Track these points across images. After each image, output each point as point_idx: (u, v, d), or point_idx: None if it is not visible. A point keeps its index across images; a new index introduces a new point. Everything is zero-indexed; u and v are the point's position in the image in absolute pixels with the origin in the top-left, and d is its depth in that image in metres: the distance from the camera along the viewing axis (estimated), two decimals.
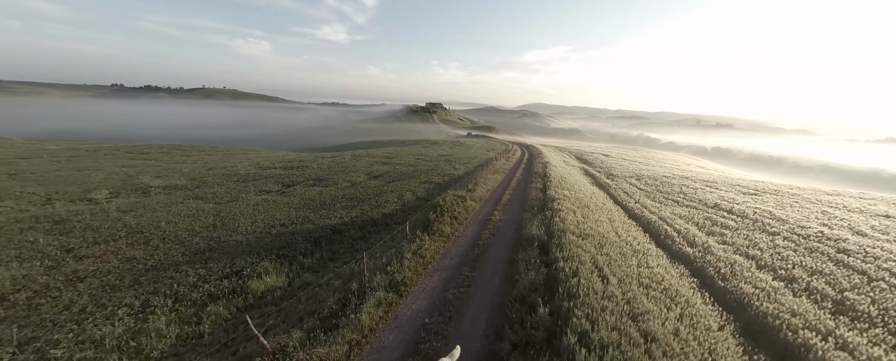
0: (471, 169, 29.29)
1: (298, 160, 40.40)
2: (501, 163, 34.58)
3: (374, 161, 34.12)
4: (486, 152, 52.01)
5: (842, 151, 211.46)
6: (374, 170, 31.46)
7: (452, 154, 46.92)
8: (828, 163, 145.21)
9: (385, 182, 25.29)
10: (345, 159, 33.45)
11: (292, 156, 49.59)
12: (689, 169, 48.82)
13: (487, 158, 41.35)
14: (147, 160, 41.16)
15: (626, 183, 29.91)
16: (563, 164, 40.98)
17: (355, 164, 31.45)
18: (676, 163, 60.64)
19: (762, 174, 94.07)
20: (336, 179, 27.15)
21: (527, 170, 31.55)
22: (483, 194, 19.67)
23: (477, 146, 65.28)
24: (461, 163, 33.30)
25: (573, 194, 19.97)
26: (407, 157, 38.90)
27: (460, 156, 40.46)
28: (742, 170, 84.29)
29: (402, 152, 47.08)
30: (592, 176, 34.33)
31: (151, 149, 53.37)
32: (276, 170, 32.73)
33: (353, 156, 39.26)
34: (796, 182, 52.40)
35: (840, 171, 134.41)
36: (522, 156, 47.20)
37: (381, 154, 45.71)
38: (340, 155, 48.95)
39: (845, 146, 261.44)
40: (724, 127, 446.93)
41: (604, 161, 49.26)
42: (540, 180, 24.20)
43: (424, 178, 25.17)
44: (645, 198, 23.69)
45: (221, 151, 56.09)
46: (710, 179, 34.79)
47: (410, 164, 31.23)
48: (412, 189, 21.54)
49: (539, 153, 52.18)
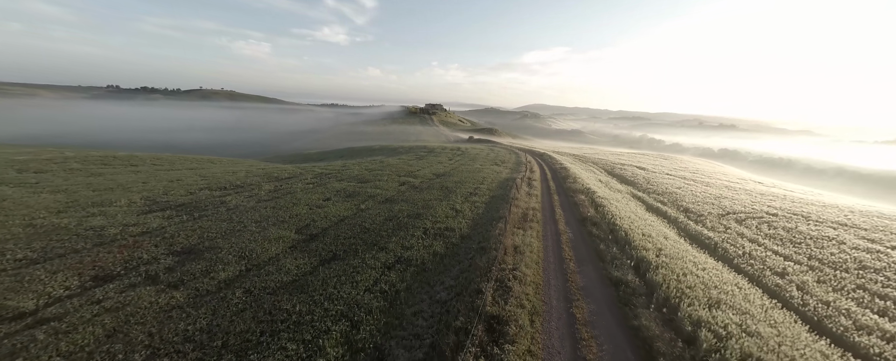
0: (481, 213, 18.18)
1: (241, 183, 29.86)
2: (523, 195, 23.91)
3: (337, 190, 23.43)
4: (495, 167, 41.44)
5: (852, 153, 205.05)
6: (319, 218, 20.74)
7: (452, 172, 36.28)
8: (842, 166, 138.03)
9: (319, 261, 13.39)
10: (295, 191, 22.75)
11: (241, 173, 38.97)
12: (762, 189, 38.31)
13: (500, 180, 30.78)
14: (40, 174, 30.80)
15: (731, 231, 19.22)
16: (604, 188, 30.46)
17: (306, 199, 20.49)
18: (726, 176, 50.21)
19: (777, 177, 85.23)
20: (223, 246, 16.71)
21: (569, 210, 20.82)
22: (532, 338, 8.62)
23: (482, 157, 54.76)
24: (464, 195, 22.64)
25: (704, 293, 9.44)
26: (388, 181, 28.15)
27: (463, 179, 29.90)
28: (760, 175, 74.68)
29: (386, 169, 36.46)
30: (662, 213, 23.53)
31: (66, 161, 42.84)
32: (168, 217, 22.22)
33: (313, 181, 28.53)
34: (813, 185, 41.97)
35: (856, 174, 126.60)
36: (545, 176, 36.67)
37: (355, 173, 34.98)
38: (301, 172, 38.39)
39: (854, 147, 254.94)
40: (727, 127, 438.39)
41: (648, 179, 38.81)
42: (613, 248, 13.68)
43: (400, 246, 13.42)
44: (817, 287, 12.78)
45: (159, 164, 45.50)
46: (821, 215, 24.30)
47: (387, 199, 20.40)
48: (359, 307, 9.48)
49: (563, 168, 41.68)
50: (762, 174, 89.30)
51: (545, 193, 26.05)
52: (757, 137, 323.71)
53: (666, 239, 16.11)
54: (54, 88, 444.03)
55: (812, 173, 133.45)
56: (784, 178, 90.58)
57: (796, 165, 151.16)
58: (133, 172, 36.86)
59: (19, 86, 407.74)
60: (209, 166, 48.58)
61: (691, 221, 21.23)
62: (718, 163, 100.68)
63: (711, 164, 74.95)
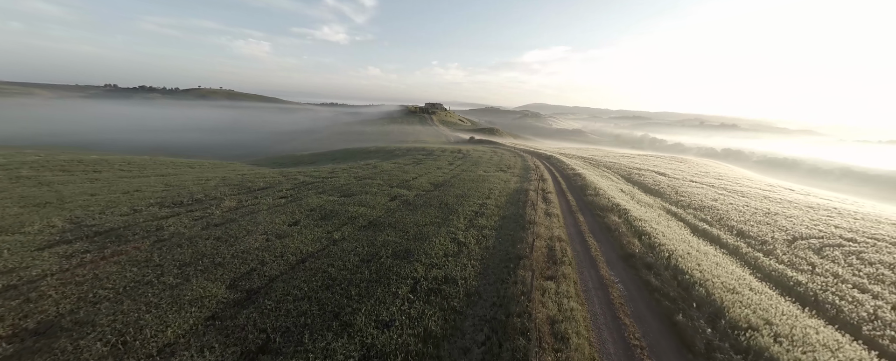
0: (492, 245, 13.33)
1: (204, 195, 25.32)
2: (541, 215, 19.17)
3: (311, 209, 18.76)
4: (501, 174, 36.78)
5: (856, 153, 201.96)
6: (273, 257, 16.24)
7: (453, 180, 31.64)
8: (848, 166, 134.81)
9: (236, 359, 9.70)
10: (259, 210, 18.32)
11: (212, 182, 34.57)
12: (803, 199, 33.54)
13: (509, 192, 26.11)
14: None
15: (820, 270, 14.36)
16: (633, 203, 25.80)
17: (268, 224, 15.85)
18: (752, 181, 45.56)
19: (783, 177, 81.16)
20: None
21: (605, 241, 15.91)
22: None
23: (485, 161, 50.10)
24: (469, 215, 17.87)
25: None
26: (377, 195, 23.41)
27: (466, 191, 25.25)
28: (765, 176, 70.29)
29: (378, 177, 31.80)
30: (714, 238, 18.50)
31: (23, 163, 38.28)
32: None
33: (288, 193, 23.81)
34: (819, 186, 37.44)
35: (863, 175, 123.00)
36: (558, 185, 31.98)
37: (342, 182, 30.33)
38: (281, 180, 33.79)
39: (858, 147, 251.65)
40: (728, 127, 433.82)
41: (674, 187, 34.18)
42: (698, 320, 9.03)
43: (373, 320, 8.65)
44: None
45: (126, 170, 40.89)
46: None
47: (370, 223, 15.53)
48: None
49: (576, 174, 37.02)
50: (768, 175, 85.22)
51: (566, 211, 21.36)
52: (758, 137, 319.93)
53: (752, 290, 11.48)
54: (51, 87, 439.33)
55: (818, 174, 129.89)
56: (791, 179, 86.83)
57: (801, 165, 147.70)
58: (90, 180, 32.19)
59: (16, 85, 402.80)
60: (184, 172, 44.00)
61: (758, 252, 16.59)
62: (731, 164, 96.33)
63: (729, 168, 70.41)
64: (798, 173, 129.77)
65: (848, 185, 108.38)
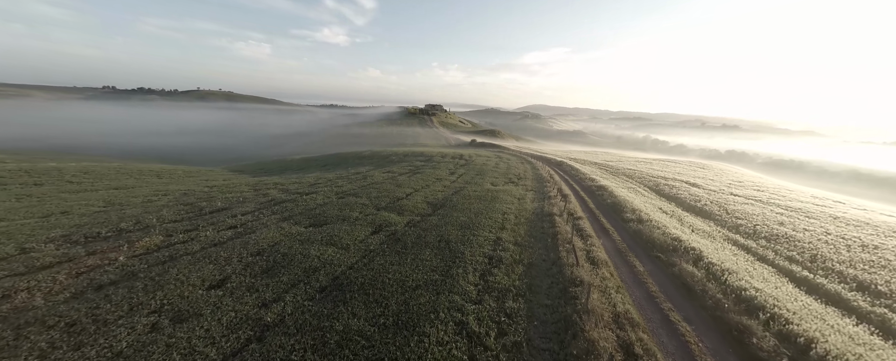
0: (526, 339, 8.11)
1: (134, 224, 19.89)
2: (584, 262, 13.24)
3: (256, 254, 13.34)
4: (513, 188, 31.00)
5: (862, 154, 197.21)
6: None
7: (455, 198, 25.86)
8: (856, 168, 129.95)
9: None
10: (178, 257, 13.08)
11: (165, 199, 29.14)
12: (878, 218, 27.75)
13: (528, 217, 20.37)
14: None
15: None
16: (694, 235, 20.05)
17: (170, 293, 10.70)
18: (792, 192, 39.75)
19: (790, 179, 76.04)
20: None
21: (714, 333, 10.38)
22: None
23: (491, 169, 44.27)
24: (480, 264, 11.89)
25: None
26: (356, 225, 17.71)
27: (474, 217, 19.35)
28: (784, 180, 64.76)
29: (365, 194, 25.96)
30: (834, 298, 12.75)
31: None
32: None
33: (242, 223, 18.02)
34: None
35: (871, 177, 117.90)
36: (584, 203, 26.13)
37: (318, 201, 24.54)
38: (249, 196, 28.14)
39: (863, 148, 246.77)
40: (730, 128, 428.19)
41: (720, 204, 28.36)
42: None
43: None
44: None
45: (76, 181, 35.25)
46: None
47: (332, 282, 9.85)
48: None
49: (600, 187, 31.23)
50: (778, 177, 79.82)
51: (614, 253, 15.48)
52: (760, 138, 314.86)
53: None
54: (49, 89, 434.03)
55: (825, 175, 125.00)
56: (798, 181, 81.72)
57: (808, 167, 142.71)
58: (18, 197, 26.43)
59: (13, 86, 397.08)
60: (145, 183, 38.22)
61: None
62: (751, 170, 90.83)
63: (757, 175, 64.64)
64: (805, 175, 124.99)
65: (856, 188, 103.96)
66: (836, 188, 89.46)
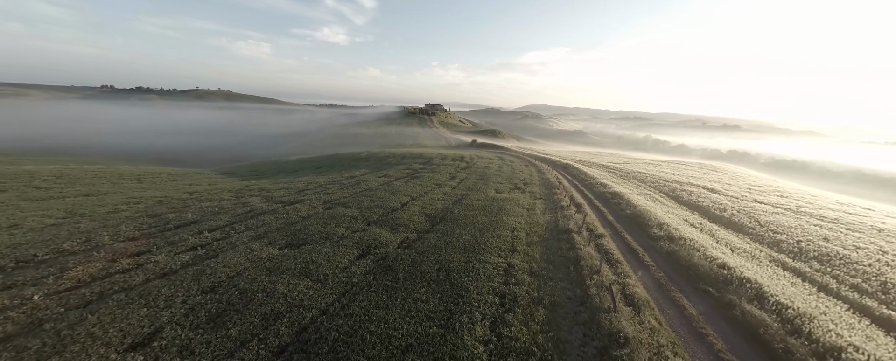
0: None
1: (83, 244, 17.16)
2: (620, 304, 10.70)
3: (207, 291, 11.02)
4: (520, 196, 28.18)
5: (864, 154, 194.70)
6: None
7: (456, 209, 23.08)
8: (860, 169, 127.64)
9: None
10: (119, 289, 10.95)
11: (134, 209, 26.42)
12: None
13: (541, 234, 17.58)
14: None
15: None
16: (743, 261, 17.29)
17: (100, 332, 8.54)
18: (815, 197, 36.91)
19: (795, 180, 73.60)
20: None
21: None
22: None
23: (494, 172, 41.46)
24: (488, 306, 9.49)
25: None
26: (340, 246, 14.93)
27: (479, 234, 16.47)
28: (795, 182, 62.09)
29: (355, 203, 23.16)
30: None
31: None
32: None
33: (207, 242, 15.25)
34: None
35: (876, 178, 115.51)
36: (602, 215, 23.28)
37: (302, 214, 21.73)
38: (228, 206, 25.43)
39: (864, 148, 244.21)
40: (731, 128, 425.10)
41: (749, 214, 25.53)
42: None
43: None
44: None
45: (45, 187, 32.54)
46: None
47: (291, 348, 8.08)
48: None
49: (614, 194, 28.43)
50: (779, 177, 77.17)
51: (653, 286, 12.75)
52: (761, 138, 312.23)
53: None
54: (47, 88, 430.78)
55: (829, 176, 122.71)
56: (802, 182, 79.25)
57: (811, 168, 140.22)
58: None
59: (11, 86, 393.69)
60: (121, 189, 35.42)
61: None
62: (758, 171, 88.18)
63: (773, 179, 61.88)
64: (809, 176, 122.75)
65: (860, 189, 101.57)
66: (840, 189, 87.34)
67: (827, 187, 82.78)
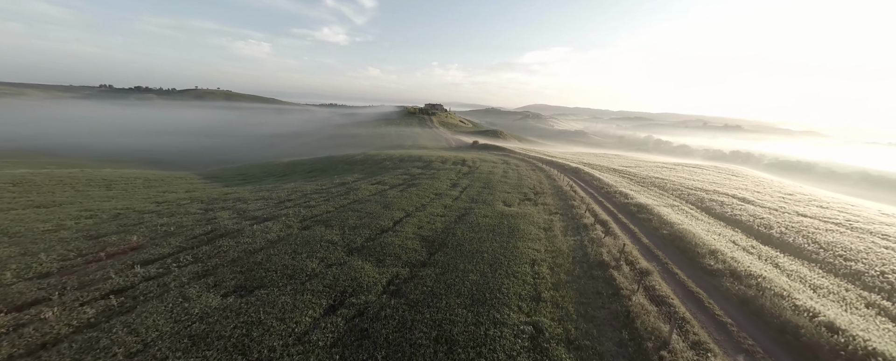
0: None
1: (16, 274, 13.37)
2: None
3: (159, 334, 7.95)
4: (532, 209, 24.28)
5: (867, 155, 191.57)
6: None
7: (458, 227, 19.12)
8: (865, 170, 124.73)
9: None
10: None
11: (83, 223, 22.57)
12: None
13: (568, 268, 13.64)
14: None
15: None
16: (854, 318, 13.47)
17: None
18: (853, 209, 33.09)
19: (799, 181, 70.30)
20: None
21: None
22: None
23: (499, 178, 37.57)
24: None
25: None
26: (301, 298, 11.39)
27: (489, 277, 12.57)
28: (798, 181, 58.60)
29: (339, 219, 19.29)
30: None
31: None
32: None
33: (134, 284, 11.84)
34: None
35: (882, 179, 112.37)
36: (634, 236, 19.30)
37: (273, 236, 17.77)
38: (193, 222, 21.58)
39: (868, 149, 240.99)
40: (732, 128, 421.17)
41: (801, 232, 21.64)
42: None
43: None
44: None
45: None
46: None
47: None
48: None
49: (639, 206, 24.54)
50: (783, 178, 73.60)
51: None
52: (763, 138, 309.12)
53: None
54: (45, 88, 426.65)
55: (835, 177, 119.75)
56: (808, 183, 75.85)
57: (816, 169, 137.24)
58: None
59: (9, 85, 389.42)
60: (88, 196, 31.55)
61: None
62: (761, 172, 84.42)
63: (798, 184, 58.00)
64: (814, 177, 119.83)
65: (866, 191, 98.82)
66: (847, 191, 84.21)
67: (835, 189, 79.83)
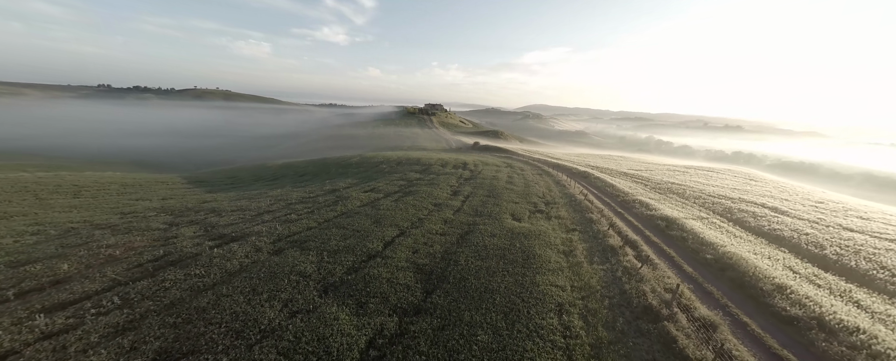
0: None
1: None
2: None
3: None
4: (549, 229, 20.99)
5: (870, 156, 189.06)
6: None
7: (460, 252, 15.90)
8: (869, 171, 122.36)
9: None
10: None
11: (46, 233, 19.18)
12: None
13: (612, 323, 10.46)
14: None
15: None
16: None
17: None
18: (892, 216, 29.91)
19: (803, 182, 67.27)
20: None
21: None
22: None
23: (505, 186, 34.23)
24: None
25: None
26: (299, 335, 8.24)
27: (506, 344, 9.87)
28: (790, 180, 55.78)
29: (316, 243, 16.26)
30: None
31: None
32: None
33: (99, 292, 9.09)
34: None
35: (888, 180, 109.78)
36: (693, 280, 16.04)
37: (236, 263, 14.61)
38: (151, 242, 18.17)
39: (870, 150, 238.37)
40: (733, 129, 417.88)
41: (854, 249, 18.46)
42: None
43: None
44: None
45: None
46: None
47: None
48: None
49: (666, 219, 21.30)
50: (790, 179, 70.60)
51: None
52: (764, 138, 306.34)
53: None
54: (43, 87, 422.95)
55: (838, 178, 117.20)
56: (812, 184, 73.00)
57: (819, 170, 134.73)
58: None
59: (7, 85, 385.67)
60: (49, 204, 28.06)
61: None
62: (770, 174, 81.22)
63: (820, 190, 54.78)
64: (818, 178, 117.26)
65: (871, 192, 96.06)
66: (853, 192, 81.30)
67: (839, 190, 77.12)
